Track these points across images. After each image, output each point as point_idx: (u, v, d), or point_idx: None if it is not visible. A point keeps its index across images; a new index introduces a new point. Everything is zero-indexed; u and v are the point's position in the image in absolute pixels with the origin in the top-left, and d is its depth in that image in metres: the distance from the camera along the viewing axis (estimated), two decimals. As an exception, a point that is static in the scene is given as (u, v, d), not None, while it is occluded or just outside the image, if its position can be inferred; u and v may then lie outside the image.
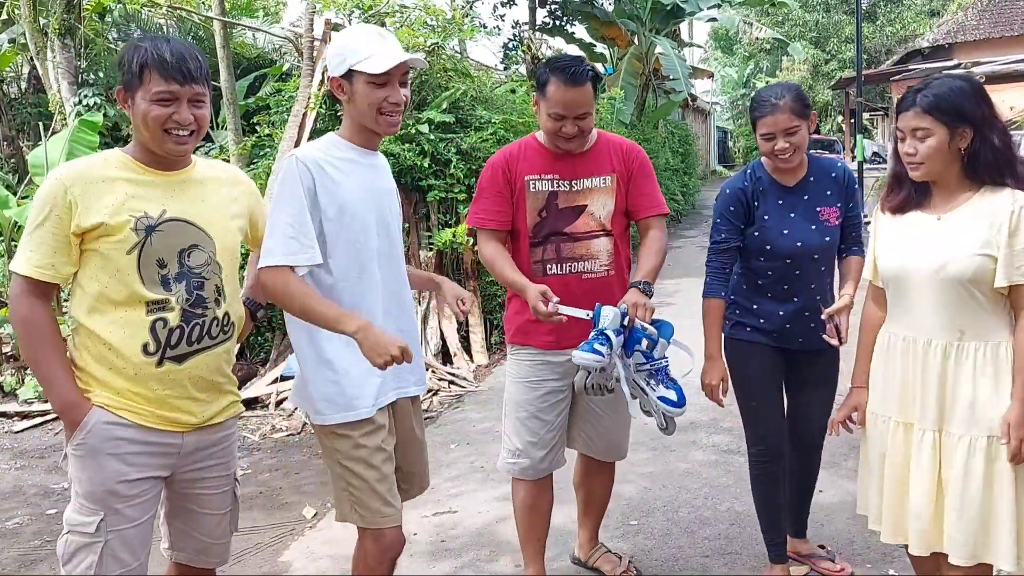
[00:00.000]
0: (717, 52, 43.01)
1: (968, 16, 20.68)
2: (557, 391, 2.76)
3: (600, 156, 2.70)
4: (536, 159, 2.69)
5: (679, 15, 16.97)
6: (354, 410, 2.20)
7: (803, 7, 28.55)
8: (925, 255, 2.18)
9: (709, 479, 4.03)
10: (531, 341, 2.76)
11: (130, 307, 1.96)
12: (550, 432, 2.78)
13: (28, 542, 3.81)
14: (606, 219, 2.69)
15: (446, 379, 6.20)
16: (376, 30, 2.30)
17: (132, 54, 1.96)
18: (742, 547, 3.30)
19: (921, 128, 2.13)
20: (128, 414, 1.97)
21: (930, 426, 2.19)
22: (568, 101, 2.53)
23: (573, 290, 2.62)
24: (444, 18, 7.85)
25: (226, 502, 2.22)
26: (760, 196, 2.76)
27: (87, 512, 1.95)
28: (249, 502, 4.16)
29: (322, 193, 2.17)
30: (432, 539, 3.55)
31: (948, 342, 2.16)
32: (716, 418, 4.94)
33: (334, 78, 2.25)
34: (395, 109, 2.25)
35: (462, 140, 7.10)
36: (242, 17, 13.73)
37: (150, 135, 1.98)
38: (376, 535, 2.25)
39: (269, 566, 3.43)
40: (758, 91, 2.87)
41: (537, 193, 2.66)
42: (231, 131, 8.79)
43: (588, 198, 2.66)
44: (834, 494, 3.73)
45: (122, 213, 1.95)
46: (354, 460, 2.20)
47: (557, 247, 2.67)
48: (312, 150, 2.24)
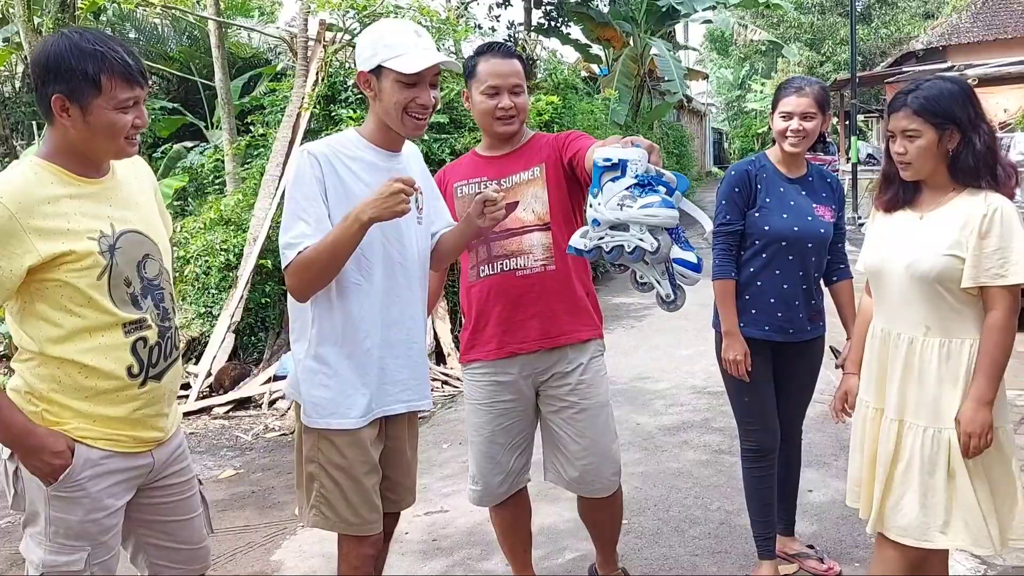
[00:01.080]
0: (712, 54, 43.02)
1: (962, 19, 20.74)
2: (510, 411, 2.63)
3: (530, 151, 2.58)
4: (467, 166, 2.66)
5: (674, 17, 17.00)
6: (342, 418, 2.13)
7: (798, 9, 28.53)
8: (900, 251, 2.25)
9: (700, 479, 4.05)
10: (476, 355, 2.63)
11: (107, 332, 1.84)
12: (506, 455, 2.65)
13: (19, 541, 3.79)
14: (541, 212, 2.52)
15: (439, 379, 6.21)
16: (412, 27, 2.17)
17: (80, 60, 1.74)
18: (731, 546, 3.32)
19: (911, 129, 2.18)
20: (107, 443, 1.87)
21: (892, 415, 2.27)
22: (501, 71, 2.48)
23: (509, 289, 2.54)
24: (439, 19, 7.86)
25: (196, 505, 2.13)
26: (763, 180, 2.86)
27: (69, 551, 1.84)
28: (242, 501, 4.17)
29: (331, 192, 2.09)
30: (424, 538, 3.56)
31: (913, 336, 2.23)
32: (708, 418, 4.96)
33: (362, 72, 2.13)
34: (423, 111, 2.14)
35: (456, 140, 7.12)
36: (237, 17, 13.72)
37: (108, 144, 1.83)
38: (350, 540, 2.20)
39: (261, 564, 3.44)
40: (789, 76, 2.97)
41: (464, 197, 2.58)
42: (225, 130, 8.79)
43: (517, 194, 2.53)
44: (824, 493, 3.75)
45: (82, 236, 1.78)
46: (333, 467, 2.15)
47: (488, 247, 2.55)
48: (323, 145, 2.15)
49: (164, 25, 13.78)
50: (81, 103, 1.76)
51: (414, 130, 2.16)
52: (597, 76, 16.92)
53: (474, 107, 2.56)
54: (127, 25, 13.47)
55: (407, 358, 2.24)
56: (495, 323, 2.56)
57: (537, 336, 2.55)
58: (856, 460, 2.44)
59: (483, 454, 2.66)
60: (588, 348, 2.62)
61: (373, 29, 2.19)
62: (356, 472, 2.15)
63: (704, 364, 6.11)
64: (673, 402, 5.34)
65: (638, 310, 8.35)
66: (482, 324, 2.59)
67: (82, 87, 1.75)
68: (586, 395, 2.59)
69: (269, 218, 6.51)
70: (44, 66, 1.77)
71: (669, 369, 6.20)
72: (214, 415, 5.75)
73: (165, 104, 11.80)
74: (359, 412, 2.14)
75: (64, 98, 1.76)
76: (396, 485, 2.33)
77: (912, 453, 2.21)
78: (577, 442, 2.59)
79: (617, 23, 16.20)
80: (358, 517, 2.17)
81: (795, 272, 2.82)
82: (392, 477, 2.30)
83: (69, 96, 1.76)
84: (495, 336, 2.56)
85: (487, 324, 2.58)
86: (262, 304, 6.63)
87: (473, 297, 2.61)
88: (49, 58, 1.76)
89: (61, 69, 1.75)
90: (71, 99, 1.76)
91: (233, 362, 6.37)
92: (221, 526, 3.78)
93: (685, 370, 6.10)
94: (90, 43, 1.76)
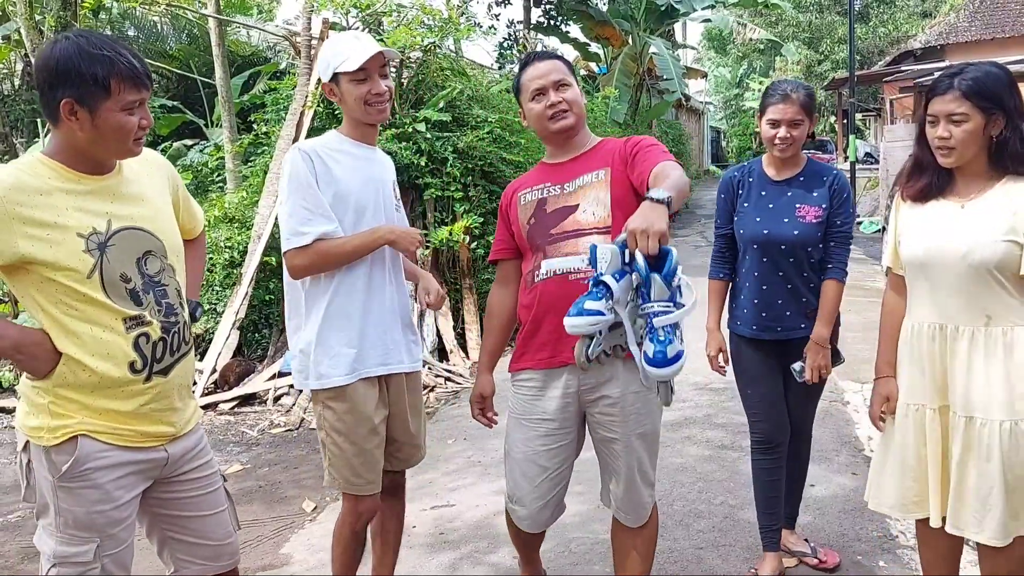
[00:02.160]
0: (711, 52, 43.10)
1: (960, 18, 20.79)
2: (561, 433, 2.45)
3: (596, 155, 2.49)
4: (533, 175, 2.58)
5: (673, 15, 17.05)
6: (325, 379, 2.42)
7: (796, 8, 28.60)
8: (950, 242, 2.18)
9: (703, 473, 4.09)
10: (526, 363, 2.47)
11: (107, 327, 1.85)
12: (549, 482, 2.48)
13: (30, 535, 3.82)
14: (603, 215, 2.37)
15: (442, 376, 6.25)
16: (352, 34, 2.54)
17: (89, 65, 1.76)
18: (735, 539, 3.36)
19: (959, 113, 2.12)
20: (112, 437, 1.88)
21: (960, 411, 2.20)
22: (539, 72, 2.43)
23: (564, 295, 2.29)
24: (440, 17, 7.89)
25: (220, 499, 2.14)
26: (747, 186, 2.96)
27: (78, 542, 1.86)
28: (249, 496, 4.21)
29: (321, 180, 2.40)
30: (431, 531, 3.60)
31: (975, 328, 2.17)
32: (710, 414, 5.00)
33: (325, 84, 2.50)
34: (379, 99, 2.46)
35: (458, 139, 7.15)
36: (237, 15, 13.73)
37: (116, 146, 1.85)
38: (350, 497, 2.51)
39: (271, 557, 3.48)
40: (773, 81, 3.05)
41: (527, 204, 2.50)
42: (226, 128, 8.83)
43: (580, 197, 2.41)
44: (826, 488, 3.80)
45: (69, 232, 1.80)
46: (335, 431, 2.45)
47: (544, 251, 2.42)
48: (311, 142, 2.48)
49: (164, 23, 13.79)
50: (90, 107, 1.78)
51: (378, 115, 2.49)
52: (596, 75, 16.95)
53: (529, 119, 2.49)
54: (127, 23, 13.48)
55: (392, 322, 2.53)
56: (548, 330, 2.38)
57: None
58: (895, 464, 2.34)
59: (524, 475, 2.49)
60: None
61: (323, 47, 2.60)
62: (355, 436, 2.44)
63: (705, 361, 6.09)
64: (675, 398, 5.35)
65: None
66: (534, 331, 2.43)
67: (92, 91, 1.77)
68: (642, 420, 2.43)
69: (273, 215, 6.54)
70: (52, 70, 1.78)
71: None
72: (219, 411, 5.78)
73: (165, 102, 11.80)
74: (341, 371, 2.42)
75: (73, 102, 1.77)
76: (402, 445, 2.60)
77: (991, 449, 2.13)
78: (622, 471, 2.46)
79: (616, 21, 16.24)
80: (359, 478, 2.47)
81: (773, 273, 2.87)
82: (398, 439, 2.58)
83: (78, 100, 1.77)
84: (548, 343, 2.40)
85: (538, 331, 2.42)
86: (266, 301, 6.67)
87: (527, 303, 2.46)
88: (58, 62, 1.77)
89: (71, 74, 1.76)
90: (80, 103, 1.77)
91: (238, 358, 6.41)
92: (230, 520, 3.82)
93: (687, 367, 6.11)
94: (98, 47, 1.78)
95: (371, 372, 2.47)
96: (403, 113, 7.12)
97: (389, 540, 2.71)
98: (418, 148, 6.94)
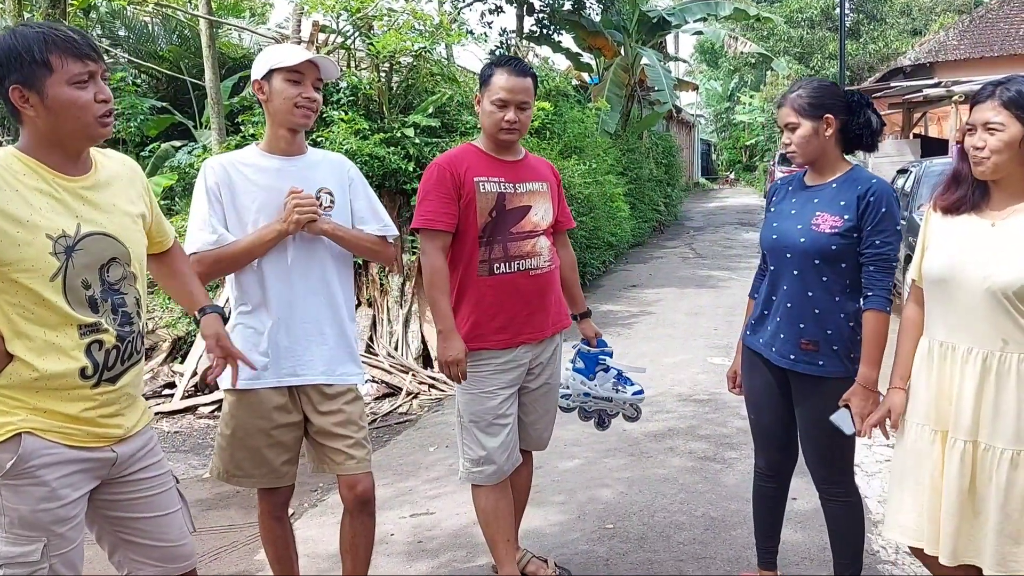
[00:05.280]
0: (702, 65, 43.32)
1: (949, 36, 20.97)
2: (511, 394, 2.85)
3: (535, 165, 2.93)
4: (480, 163, 2.78)
5: (665, 27, 17.12)
6: (225, 383, 2.47)
7: (788, 23, 28.82)
8: (973, 261, 2.10)
9: (685, 485, 4.06)
10: (485, 343, 2.79)
11: (61, 332, 1.82)
12: (509, 432, 2.85)
13: None
14: (549, 220, 2.89)
15: (426, 382, 6.21)
16: (292, 44, 2.54)
17: (24, 45, 1.75)
18: (716, 552, 3.33)
19: (995, 122, 2.06)
20: (58, 436, 1.85)
21: (963, 436, 2.11)
22: (512, 87, 2.71)
23: (522, 287, 2.80)
24: (432, 23, 7.88)
25: (173, 500, 2.11)
26: (781, 191, 2.74)
27: (25, 541, 1.82)
28: (226, 501, 4.15)
29: (224, 194, 2.49)
30: (409, 540, 3.55)
31: (989, 351, 2.08)
32: (694, 426, 4.98)
33: (256, 80, 2.52)
34: (310, 103, 2.49)
35: (447, 144, 7.13)
36: (228, 17, 13.69)
37: (75, 125, 1.82)
38: (264, 490, 2.65)
39: (245, 564, 3.42)
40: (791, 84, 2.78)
41: (487, 194, 2.74)
42: (215, 130, 8.76)
43: (531, 200, 2.82)
44: (808, 501, 3.77)
45: (39, 232, 1.77)
46: (223, 423, 2.58)
47: (504, 246, 2.76)
48: (222, 157, 2.55)
49: (154, 24, 13.72)
50: (37, 88, 1.77)
51: (303, 119, 2.50)
52: (587, 85, 16.98)
53: (483, 112, 2.79)
54: (117, 23, 13.41)
55: (317, 336, 2.55)
56: (507, 316, 2.79)
57: (543, 326, 2.88)
58: (909, 488, 2.25)
59: (490, 436, 2.82)
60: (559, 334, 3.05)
61: (263, 51, 2.59)
62: (239, 430, 2.52)
63: (691, 372, 6.16)
64: (659, 409, 5.35)
65: (626, 318, 8.37)
66: (492, 316, 2.78)
67: (33, 70, 1.76)
68: (555, 374, 3.02)
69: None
70: None
71: (656, 376, 6.21)
72: (199, 414, 5.72)
73: (154, 103, 11.73)
74: (247, 375, 2.40)
75: (20, 87, 1.77)
76: (335, 452, 2.56)
77: (991, 477, 2.07)
78: (537, 410, 2.99)
79: (609, 32, 16.28)
80: (239, 469, 2.56)
81: (778, 286, 2.61)
82: (326, 444, 2.57)
83: (24, 84, 1.77)
84: (507, 327, 2.79)
85: (497, 316, 2.78)
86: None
87: (487, 291, 2.77)
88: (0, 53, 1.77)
89: (11, 59, 1.77)
90: (27, 86, 1.77)
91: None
92: (205, 525, 3.77)
93: (671, 378, 6.11)
94: (32, 28, 1.78)
95: (279, 382, 2.53)
96: (392, 118, 7.09)
97: (360, 556, 2.65)
98: (406, 153, 6.91)
